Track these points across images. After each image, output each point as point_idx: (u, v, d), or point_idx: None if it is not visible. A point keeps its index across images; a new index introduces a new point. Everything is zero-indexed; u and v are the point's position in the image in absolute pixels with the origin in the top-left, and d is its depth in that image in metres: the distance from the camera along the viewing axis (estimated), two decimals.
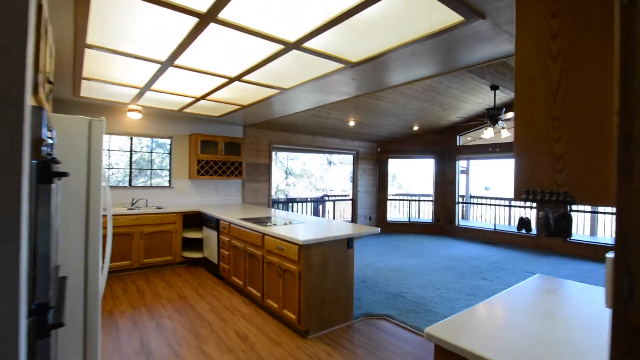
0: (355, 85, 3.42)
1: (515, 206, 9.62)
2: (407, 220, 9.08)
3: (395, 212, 12.56)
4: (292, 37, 2.28)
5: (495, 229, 7.85)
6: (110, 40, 2.45)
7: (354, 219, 8.59)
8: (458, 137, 8.43)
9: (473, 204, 10.31)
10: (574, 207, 7.09)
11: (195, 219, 5.24)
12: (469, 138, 9.45)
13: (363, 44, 2.38)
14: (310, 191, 16.59)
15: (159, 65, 2.93)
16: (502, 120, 5.08)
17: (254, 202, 6.39)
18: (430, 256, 6.10)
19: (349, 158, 9.06)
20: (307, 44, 2.37)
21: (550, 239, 6.77)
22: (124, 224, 4.52)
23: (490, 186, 15.23)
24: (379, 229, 3.44)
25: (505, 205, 9.14)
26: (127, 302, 3.63)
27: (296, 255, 2.83)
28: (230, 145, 5.84)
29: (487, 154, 8.00)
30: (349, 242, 3.12)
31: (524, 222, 1.11)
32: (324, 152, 8.34)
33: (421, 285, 4.37)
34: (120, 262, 4.51)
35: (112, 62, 2.91)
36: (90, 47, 2.54)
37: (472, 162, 9.03)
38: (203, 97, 4.02)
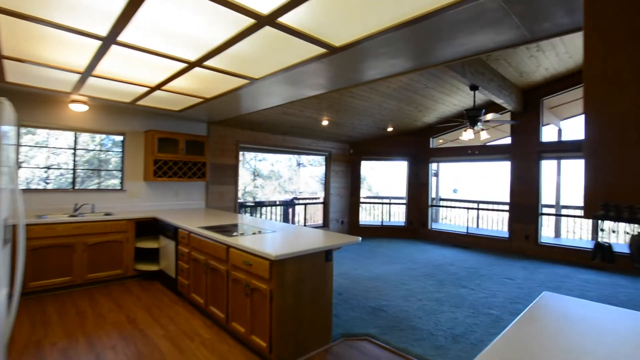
0: (332, 76, 3.06)
1: (485, 209, 9.72)
2: (380, 223, 8.87)
3: (366, 215, 12.37)
4: (265, 9, 1.87)
5: (467, 232, 7.81)
6: (29, 5, 1.91)
7: (325, 223, 8.24)
8: (431, 139, 8.34)
9: (449, 207, 10.32)
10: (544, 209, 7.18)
11: (150, 227, 4.64)
12: (441, 141, 9.45)
13: (351, 23, 2.02)
14: (280, 193, 16.08)
15: (99, 42, 2.40)
16: (481, 122, 4.94)
17: (219, 207, 5.85)
18: (407, 262, 5.87)
19: (319, 159, 8.72)
20: (284, 19, 1.97)
21: (519, 242, 6.79)
22: (63, 233, 3.85)
23: (458, 189, 15.52)
24: (360, 238, 3.09)
25: (474, 208, 9.19)
26: (61, 330, 3.02)
27: (267, 272, 2.41)
28: (193, 144, 5.28)
29: (461, 156, 7.95)
30: (327, 254, 2.74)
31: (602, 250, 0.79)
32: (295, 153, 7.93)
33: (402, 297, 4.08)
34: (58, 278, 3.84)
35: (40, 38, 2.34)
36: (2, 11, 1.98)
37: (441, 165, 8.99)
38: (159, 87, 3.49)
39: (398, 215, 10.25)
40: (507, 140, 7.22)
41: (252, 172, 16.62)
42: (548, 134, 6.86)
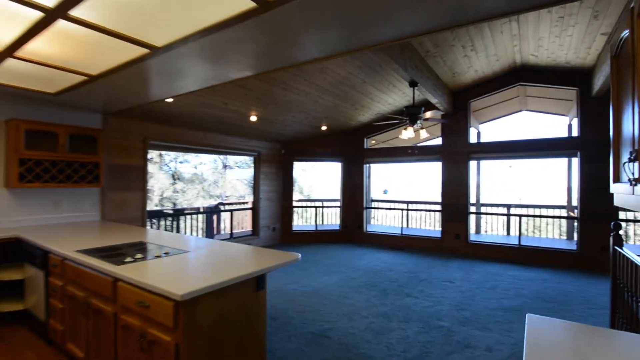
0: (262, 51, 2.40)
1: (418, 210, 9.88)
2: (314, 228, 8.39)
3: (298, 219, 11.82)
4: None
5: (402, 233, 7.74)
6: None
7: (255, 231, 7.46)
8: (365, 139, 8.13)
9: (384, 209, 10.28)
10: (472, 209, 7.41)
11: (12, 251, 3.40)
12: (373, 142, 9.36)
13: None
14: (204, 198, 14.68)
15: None
16: (420, 120, 4.73)
17: (121, 219, 4.71)
18: (346, 270, 5.43)
19: (247, 161, 7.92)
20: None
21: (451, 242, 6.88)
22: None
23: (389, 190, 15.91)
24: (299, 255, 2.48)
25: (407, 209, 9.26)
26: None
27: (170, 318, 1.65)
28: (81, 139, 4.11)
29: (394, 157, 7.87)
30: (258, 281, 2.07)
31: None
32: (219, 153, 7.01)
33: (345, 315, 3.57)
34: None
35: None
36: None
37: (372, 165, 8.85)
38: (10, 52, 2.44)
39: (331, 218, 9.91)
40: (438, 141, 7.31)
41: (171, 175, 14.91)
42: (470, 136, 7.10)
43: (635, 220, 7.08)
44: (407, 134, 4.82)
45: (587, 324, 3.58)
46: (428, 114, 4.56)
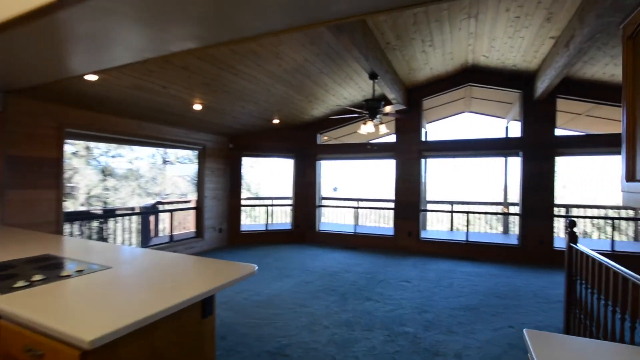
0: (210, 14, 1.94)
1: (370, 208, 9.86)
2: (264, 228, 7.91)
3: (246, 218, 11.22)
4: None
5: (355, 232, 7.59)
6: None
7: (199, 233, 6.79)
8: (318, 135, 7.84)
9: (336, 207, 10.08)
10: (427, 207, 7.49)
11: None
12: (325, 138, 9.12)
13: None
14: (140, 196, 13.32)
15: None
16: (380, 115, 4.53)
17: (27, 224, 3.84)
18: (301, 274, 5.08)
19: (192, 156, 7.19)
20: None
21: (403, 239, 6.88)
22: None
23: (338, 187, 15.86)
24: (255, 266, 2.08)
25: (360, 207, 9.19)
26: None
27: None
28: None
29: (348, 153, 7.68)
30: (205, 306, 1.63)
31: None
32: (157, 145, 6.22)
33: (305, 327, 3.22)
34: None
35: None
36: None
37: (322, 162, 8.60)
38: None
39: (281, 217, 9.50)
40: (391, 139, 7.27)
41: (100, 171, 13.29)
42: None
43: (567, 216, 7.71)
44: (366, 128, 4.60)
45: (540, 319, 3.70)
46: (388, 109, 4.37)
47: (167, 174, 14.48)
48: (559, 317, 3.49)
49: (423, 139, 6.99)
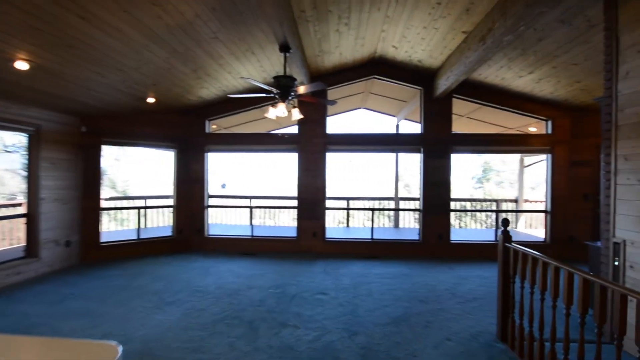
0: None
1: (269, 207, 8.99)
2: (136, 237, 6.22)
3: (109, 225, 9.05)
4: None
5: (252, 235, 6.64)
6: None
7: (32, 251, 4.78)
8: (207, 122, 6.56)
9: (231, 207, 8.81)
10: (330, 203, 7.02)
11: None
12: (214, 126, 7.89)
13: None
14: None
15: None
16: (292, 97, 3.72)
17: None
18: (189, 297, 3.90)
19: (14, 140, 5.03)
20: None
21: (308, 240, 6.30)
22: None
23: (227, 184, 14.40)
24: (118, 347, 1.03)
25: (249, 207, 8.27)
26: None
27: None
28: None
29: (248, 145, 6.63)
30: None
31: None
32: None
33: None
34: None
35: None
36: None
37: (209, 155, 7.34)
38: None
39: (158, 220, 7.83)
40: (295, 130, 6.56)
41: None
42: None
43: (464, 210, 8.44)
44: (275, 112, 3.73)
45: (470, 324, 3.30)
46: (303, 89, 3.59)
47: None
48: (486, 320, 3.36)
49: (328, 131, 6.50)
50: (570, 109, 5.90)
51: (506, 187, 17.10)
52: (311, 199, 6.32)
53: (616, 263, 2.91)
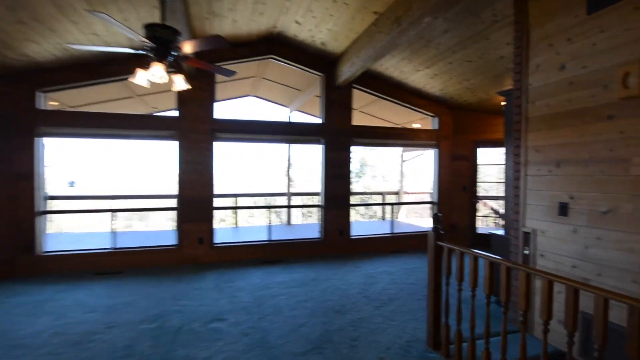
0: None
1: (141, 209, 7.26)
2: None
3: None
4: None
5: (115, 247, 5.09)
6: None
7: None
8: (41, 94, 4.70)
9: (84, 212, 6.67)
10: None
11: None
12: (54, 103, 5.93)
13: None
14: None
15: None
16: (174, 57, 2.67)
17: None
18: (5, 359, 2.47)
19: None
20: None
21: (192, 248, 5.17)
22: None
23: (76, 181, 11.46)
24: None
25: (109, 210, 6.58)
26: None
27: None
28: None
29: (105, 129, 4.97)
30: None
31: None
32: None
33: None
34: None
35: None
36: None
37: (50, 142, 5.44)
38: None
39: None
40: (173, 114, 5.29)
41: None
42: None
43: (365, 204, 8.32)
44: (147, 75, 2.62)
45: (397, 333, 3.25)
46: (191, 46, 2.59)
47: None
48: (410, 325, 3.06)
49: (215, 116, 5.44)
50: (454, 107, 6.38)
51: (379, 181, 18.71)
52: (196, 197, 5.20)
53: (526, 252, 2.97)
